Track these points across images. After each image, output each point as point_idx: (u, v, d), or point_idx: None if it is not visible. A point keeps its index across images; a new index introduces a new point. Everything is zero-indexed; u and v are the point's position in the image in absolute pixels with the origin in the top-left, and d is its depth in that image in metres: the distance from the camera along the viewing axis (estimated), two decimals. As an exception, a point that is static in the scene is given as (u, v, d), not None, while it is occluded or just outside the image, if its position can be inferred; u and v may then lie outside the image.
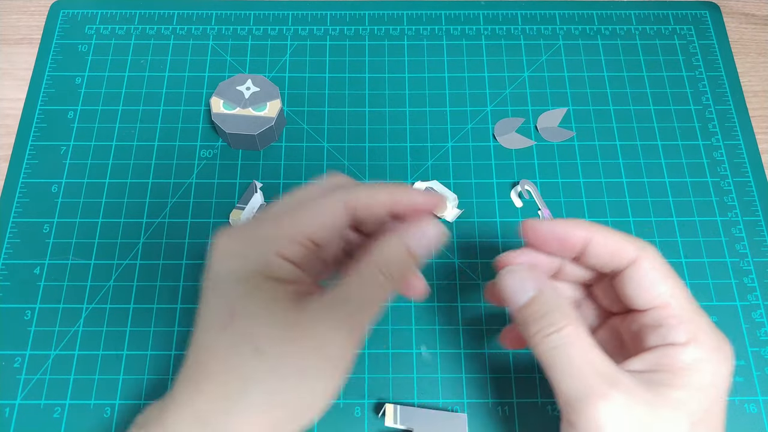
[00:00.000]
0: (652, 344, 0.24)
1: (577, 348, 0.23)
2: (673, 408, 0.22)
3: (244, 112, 0.38)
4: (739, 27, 0.45)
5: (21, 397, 0.33)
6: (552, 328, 0.24)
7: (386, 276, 0.23)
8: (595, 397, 0.22)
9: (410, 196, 0.24)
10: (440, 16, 0.45)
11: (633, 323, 0.26)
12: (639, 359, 0.24)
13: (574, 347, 0.23)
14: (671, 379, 0.23)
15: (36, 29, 0.44)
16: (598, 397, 0.22)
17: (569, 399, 0.23)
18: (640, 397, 0.22)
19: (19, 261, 0.36)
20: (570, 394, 0.23)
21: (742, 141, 0.40)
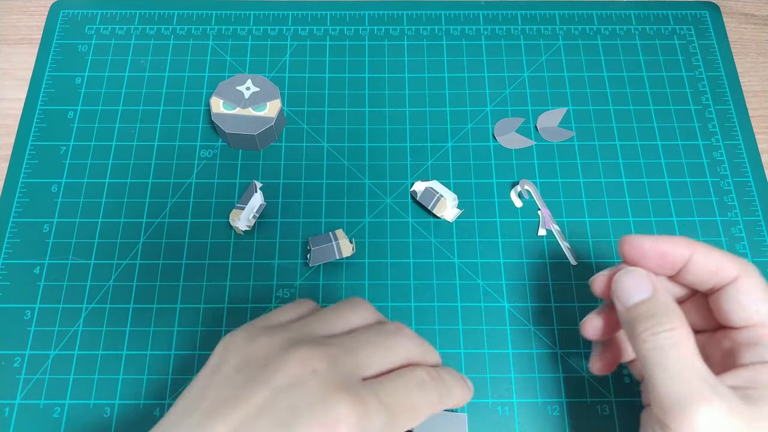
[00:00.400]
0: (747, 361, 0.24)
1: (685, 351, 0.23)
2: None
3: (244, 112, 0.38)
4: (738, 27, 0.45)
5: (20, 396, 0.33)
6: (662, 327, 0.24)
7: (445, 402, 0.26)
8: (698, 402, 0.22)
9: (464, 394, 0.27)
10: (440, 16, 0.45)
11: (725, 340, 0.26)
12: (733, 375, 0.24)
13: (681, 349, 0.23)
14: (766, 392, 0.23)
15: (36, 29, 0.44)
16: (701, 401, 0.22)
17: (669, 401, 0.23)
18: (739, 409, 0.22)
19: (19, 261, 0.36)
20: (671, 396, 0.23)
21: (741, 141, 0.40)
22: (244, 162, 0.39)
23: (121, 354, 0.34)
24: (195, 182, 0.38)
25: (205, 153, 0.39)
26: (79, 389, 0.33)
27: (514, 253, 0.37)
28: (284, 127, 0.40)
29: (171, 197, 0.38)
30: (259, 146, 0.39)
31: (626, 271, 0.26)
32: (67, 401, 0.33)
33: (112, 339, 0.34)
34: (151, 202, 0.38)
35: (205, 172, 0.39)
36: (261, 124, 0.38)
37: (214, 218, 0.37)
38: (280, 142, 0.40)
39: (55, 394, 0.33)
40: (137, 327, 0.34)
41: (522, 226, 0.37)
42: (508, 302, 0.35)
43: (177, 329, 0.35)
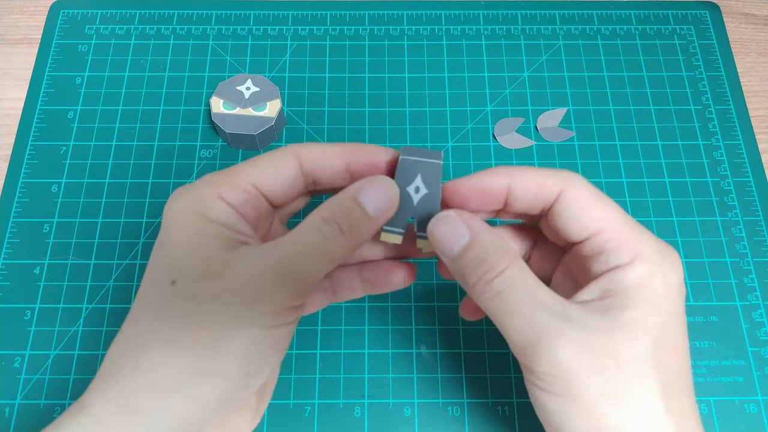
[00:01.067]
0: (598, 272, 0.23)
1: (522, 289, 0.22)
2: (629, 329, 0.21)
3: (244, 112, 0.38)
4: (739, 27, 0.45)
5: (21, 397, 0.33)
6: (492, 273, 0.22)
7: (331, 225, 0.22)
8: (549, 336, 0.21)
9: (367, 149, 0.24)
10: (440, 16, 0.45)
11: (577, 257, 0.24)
12: (586, 290, 0.23)
13: (517, 289, 0.22)
14: (622, 301, 0.22)
15: (36, 29, 0.44)
16: (552, 335, 0.21)
17: (523, 345, 0.21)
18: (595, 326, 0.21)
19: (19, 261, 0.36)
20: (523, 340, 0.21)
21: (742, 141, 0.40)
22: (244, 162, 0.39)
23: (121, 354, 0.34)
24: (195, 182, 0.38)
25: (205, 153, 0.39)
26: (80, 389, 0.33)
27: (514, 253, 0.37)
28: (284, 127, 0.40)
29: (171, 197, 0.38)
30: (259, 146, 0.39)
31: (437, 218, 0.23)
32: (67, 401, 0.33)
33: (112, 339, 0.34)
34: (151, 202, 0.38)
35: (205, 172, 0.39)
36: (261, 124, 0.38)
37: (214, 218, 0.37)
38: (280, 142, 0.40)
39: (56, 395, 0.33)
40: (137, 327, 0.34)
41: (522, 226, 0.37)
42: (508, 302, 0.35)
43: (177, 329, 0.34)
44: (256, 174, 0.23)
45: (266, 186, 0.23)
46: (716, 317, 0.35)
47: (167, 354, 0.20)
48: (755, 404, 0.33)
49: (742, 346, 0.35)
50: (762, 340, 0.35)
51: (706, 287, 0.36)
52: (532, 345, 0.21)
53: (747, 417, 0.33)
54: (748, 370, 0.34)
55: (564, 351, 0.20)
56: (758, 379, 0.34)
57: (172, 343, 0.20)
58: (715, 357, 0.34)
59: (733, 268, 0.36)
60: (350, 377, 0.33)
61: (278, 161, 0.23)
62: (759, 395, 0.33)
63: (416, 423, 0.33)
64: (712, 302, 0.36)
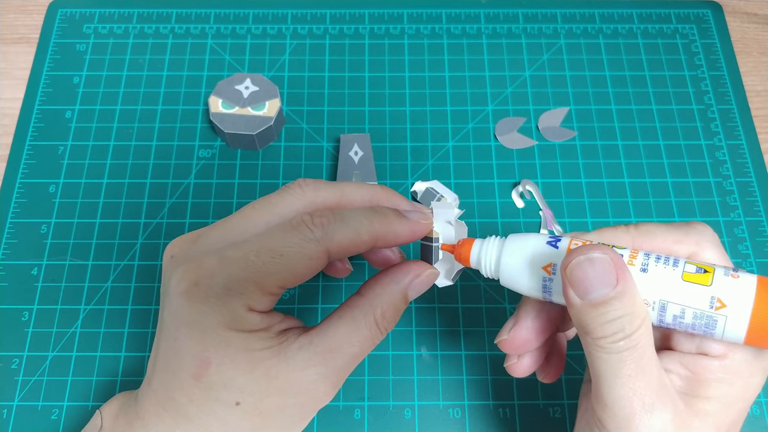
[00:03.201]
0: (685, 350, 0.23)
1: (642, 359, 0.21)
2: (701, 419, 0.21)
3: (242, 111, 0.38)
4: (741, 26, 0.45)
5: (19, 398, 0.33)
6: (624, 333, 0.20)
7: (381, 328, 0.23)
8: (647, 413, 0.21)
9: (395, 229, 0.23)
10: (441, 15, 0.44)
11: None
12: (670, 358, 0.23)
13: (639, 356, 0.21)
14: (702, 390, 0.22)
15: (34, 28, 0.43)
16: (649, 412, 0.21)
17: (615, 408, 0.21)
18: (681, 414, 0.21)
19: (17, 262, 0.36)
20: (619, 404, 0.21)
21: (744, 141, 0.40)
22: (243, 162, 0.39)
23: (119, 356, 0.34)
24: (193, 182, 0.38)
25: (203, 153, 0.39)
26: (78, 391, 0.33)
27: (515, 254, 0.36)
28: (283, 127, 0.40)
29: (169, 197, 0.38)
30: (258, 146, 0.39)
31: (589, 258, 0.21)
32: (65, 403, 0.33)
33: (111, 340, 0.34)
34: (149, 203, 0.38)
35: (204, 172, 0.39)
36: (260, 123, 0.38)
37: (213, 218, 0.37)
38: (279, 142, 0.40)
39: (54, 396, 0.33)
40: (136, 329, 0.34)
41: (523, 227, 0.37)
42: (509, 303, 0.35)
43: (176, 331, 0.34)
44: (285, 278, 0.21)
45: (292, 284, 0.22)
46: (718, 318, 0.35)
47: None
48: (757, 406, 0.33)
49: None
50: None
51: (708, 288, 0.36)
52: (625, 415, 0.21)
53: (749, 419, 0.33)
54: (750, 371, 0.34)
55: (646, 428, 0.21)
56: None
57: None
58: (718, 359, 0.34)
59: (735, 269, 0.36)
60: (350, 379, 0.33)
61: (309, 260, 0.22)
62: (762, 397, 0.33)
63: (416, 425, 0.32)
64: (714, 303, 0.35)
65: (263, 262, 0.21)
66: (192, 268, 0.21)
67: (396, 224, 0.23)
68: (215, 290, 0.21)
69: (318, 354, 0.22)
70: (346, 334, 0.22)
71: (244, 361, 0.21)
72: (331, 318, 0.23)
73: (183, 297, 0.21)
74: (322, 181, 0.25)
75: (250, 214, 0.23)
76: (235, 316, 0.21)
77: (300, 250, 0.21)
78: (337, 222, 0.22)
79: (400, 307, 0.23)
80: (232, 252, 0.21)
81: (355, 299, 0.23)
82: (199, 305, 0.21)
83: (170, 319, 0.22)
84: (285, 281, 0.21)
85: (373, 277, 0.24)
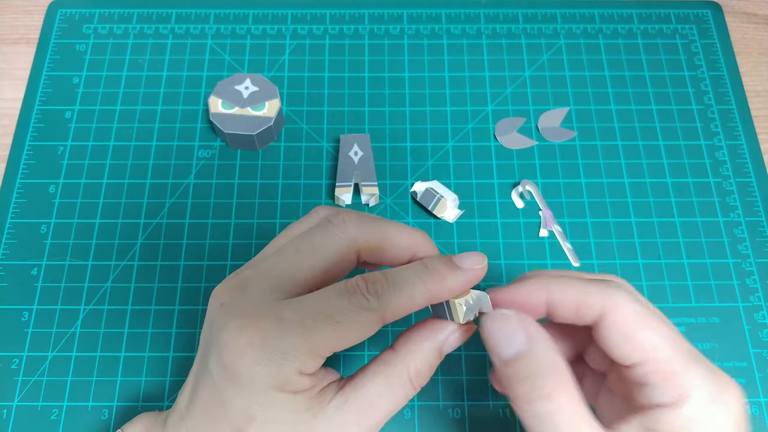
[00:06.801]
0: (642, 405, 0.21)
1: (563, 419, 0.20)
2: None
3: (242, 111, 0.38)
4: (741, 26, 0.45)
5: (18, 398, 0.33)
6: (537, 393, 0.21)
7: (415, 385, 0.22)
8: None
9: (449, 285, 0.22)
10: (440, 15, 0.44)
11: (621, 381, 0.23)
12: (627, 425, 0.21)
13: (559, 418, 0.20)
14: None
15: (34, 29, 0.43)
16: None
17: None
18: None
19: (17, 262, 0.36)
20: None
21: (744, 141, 0.40)
22: (242, 162, 0.39)
23: (119, 356, 0.34)
24: (193, 183, 0.38)
25: (203, 153, 0.39)
26: (78, 391, 0.33)
27: (515, 255, 0.36)
28: (283, 127, 0.40)
29: (169, 198, 0.38)
30: (257, 146, 0.39)
31: (494, 315, 0.23)
32: (65, 403, 0.33)
33: (111, 341, 0.34)
34: (149, 203, 0.38)
35: (204, 172, 0.39)
36: (260, 123, 0.38)
37: (213, 219, 0.37)
38: (279, 142, 0.40)
39: (53, 396, 0.33)
40: (135, 329, 0.34)
41: (523, 227, 0.37)
42: (509, 304, 0.35)
43: (175, 331, 0.34)
44: (338, 344, 0.21)
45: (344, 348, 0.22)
46: (718, 318, 0.35)
47: None
48: (757, 406, 0.33)
49: (744, 348, 0.34)
50: (764, 342, 0.34)
51: (708, 288, 0.36)
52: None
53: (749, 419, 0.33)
54: (750, 371, 0.34)
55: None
56: (760, 381, 0.34)
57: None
58: (717, 359, 0.34)
59: (735, 269, 0.36)
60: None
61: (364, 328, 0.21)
62: (761, 397, 0.33)
63: (416, 425, 0.32)
64: (714, 303, 0.35)
65: (319, 329, 0.21)
66: (247, 325, 0.21)
67: (449, 280, 0.22)
68: (270, 353, 0.20)
69: (353, 413, 0.22)
70: (380, 393, 0.22)
71: (287, 421, 0.21)
72: (365, 374, 0.23)
73: (236, 354, 0.21)
74: (364, 215, 0.24)
75: (294, 258, 0.23)
76: (285, 378, 0.21)
77: (356, 318, 0.21)
78: (392, 288, 0.22)
79: (435, 363, 0.23)
80: (287, 313, 0.21)
81: (389, 355, 0.23)
82: (252, 365, 0.20)
83: (218, 370, 0.21)
84: (337, 346, 0.21)
85: (407, 331, 0.24)
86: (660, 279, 0.36)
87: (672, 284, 0.36)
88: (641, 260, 0.36)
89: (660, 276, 0.36)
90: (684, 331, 0.35)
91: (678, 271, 0.36)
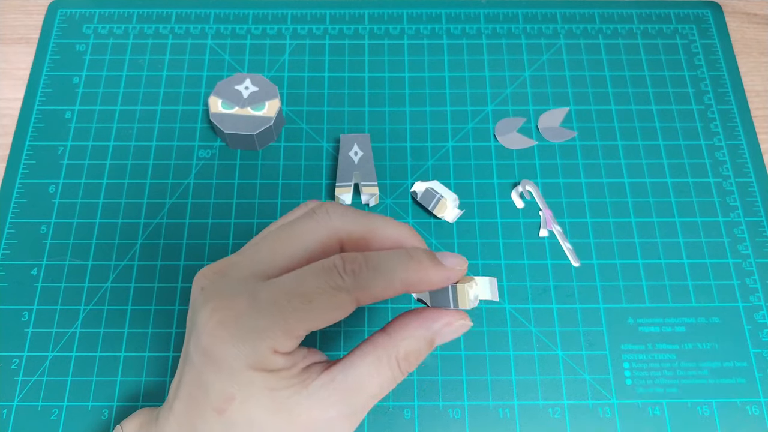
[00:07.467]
0: None
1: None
2: None
3: (242, 111, 0.38)
4: (741, 26, 0.45)
5: (18, 398, 0.33)
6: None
7: (402, 369, 0.23)
8: None
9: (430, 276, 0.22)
10: (440, 15, 0.44)
11: None
12: None
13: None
14: None
15: (34, 29, 0.43)
16: None
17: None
18: None
19: (17, 262, 0.36)
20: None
21: (744, 141, 0.40)
22: (242, 162, 0.39)
23: (119, 356, 0.34)
24: (193, 183, 0.38)
25: (203, 153, 0.39)
26: (78, 391, 0.33)
27: (515, 255, 0.36)
28: (283, 127, 0.40)
29: (169, 198, 0.38)
30: (257, 146, 0.39)
31: None
32: (65, 403, 0.33)
33: (111, 341, 0.34)
34: (149, 203, 0.38)
35: (204, 172, 0.39)
36: (260, 123, 0.38)
37: (213, 219, 0.37)
38: (279, 142, 0.40)
39: (53, 396, 0.33)
40: (135, 329, 0.34)
41: (523, 227, 0.37)
42: (509, 304, 0.35)
43: (175, 331, 0.34)
44: (312, 324, 0.21)
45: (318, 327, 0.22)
46: (718, 318, 0.35)
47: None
48: (757, 406, 0.33)
49: (744, 348, 0.34)
50: (764, 342, 0.34)
51: (708, 288, 0.36)
52: None
53: (749, 419, 0.33)
54: (750, 371, 0.34)
55: None
56: (760, 381, 0.34)
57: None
58: (717, 359, 0.34)
59: (735, 269, 0.36)
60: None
61: (338, 308, 0.21)
62: (761, 397, 0.33)
63: (416, 425, 0.32)
64: (714, 303, 0.35)
65: (293, 308, 0.21)
66: (221, 306, 0.21)
67: (431, 272, 0.22)
68: (242, 333, 0.21)
69: (338, 392, 0.22)
70: (368, 373, 0.22)
71: (267, 399, 0.21)
72: (353, 355, 0.23)
73: (210, 336, 0.21)
74: (349, 208, 0.24)
75: (275, 243, 0.23)
76: (260, 357, 0.21)
77: (330, 298, 0.21)
78: (370, 270, 0.22)
79: (425, 352, 0.23)
80: (262, 292, 0.21)
81: (379, 337, 0.23)
82: (226, 346, 0.21)
83: (196, 353, 0.22)
84: (312, 326, 0.21)
85: (401, 316, 0.24)
86: (660, 279, 0.36)
87: (672, 284, 0.36)
88: (641, 260, 0.36)
89: (660, 276, 0.36)
90: (684, 331, 0.35)
91: (678, 271, 0.36)
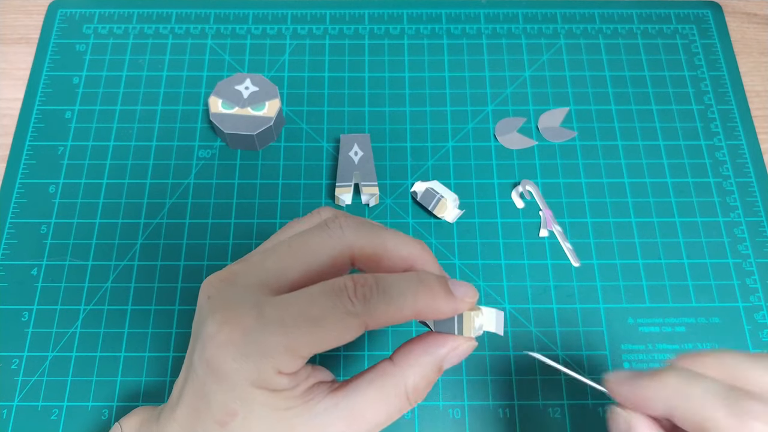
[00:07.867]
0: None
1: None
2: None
3: (242, 111, 0.38)
4: (741, 26, 0.45)
5: (18, 398, 0.33)
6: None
7: (411, 400, 0.22)
8: None
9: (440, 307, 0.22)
10: (440, 15, 0.44)
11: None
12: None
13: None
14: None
15: (34, 29, 0.43)
16: None
17: None
18: None
19: (17, 262, 0.36)
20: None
21: (744, 141, 0.40)
22: (242, 162, 0.39)
23: (119, 356, 0.34)
24: (193, 183, 0.38)
25: (203, 153, 0.39)
26: (78, 391, 0.33)
27: (515, 255, 0.36)
28: (283, 127, 0.40)
29: (169, 198, 0.38)
30: (257, 146, 0.39)
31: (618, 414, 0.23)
32: (65, 403, 0.33)
33: (111, 341, 0.34)
34: (149, 203, 0.38)
35: (204, 172, 0.39)
36: (260, 123, 0.38)
37: (213, 219, 0.37)
38: (279, 142, 0.40)
39: (54, 396, 0.33)
40: (135, 329, 0.34)
41: (523, 227, 0.37)
42: (509, 304, 0.35)
43: (175, 331, 0.34)
44: (318, 346, 0.21)
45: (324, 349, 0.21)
46: (718, 319, 0.35)
47: None
48: (758, 406, 0.33)
49: (744, 348, 0.34)
50: (764, 342, 0.34)
51: (708, 288, 0.36)
52: None
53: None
54: (750, 372, 0.34)
55: None
56: (761, 381, 0.34)
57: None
58: (718, 359, 0.34)
59: (735, 269, 0.36)
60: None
61: (346, 333, 0.21)
62: (761, 397, 0.33)
63: (416, 426, 0.32)
64: (714, 303, 0.35)
65: (299, 330, 0.20)
66: (228, 320, 0.21)
67: (441, 302, 0.22)
68: (247, 350, 0.20)
69: (343, 418, 0.21)
70: (374, 402, 0.22)
71: (269, 417, 0.21)
72: (360, 381, 0.22)
73: (215, 349, 0.21)
74: (363, 222, 0.24)
75: (286, 254, 0.22)
76: (263, 376, 0.21)
77: (338, 322, 0.21)
78: (380, 295, 0.21)
79: (433, 379, 0.23)
80: (270, 310, 0.21)
81: (387, 366, 0.23)
82: (230, 361, 0.21)
83: (200, 364, 0.21)
84: (317, 348, 0.21)
85: (407, 343, 0.23)
86: (660, 279, 0.36)
87: (672, 284, 0.36)
88: (641, 260, 0.36)
89: (660, 276, 0.36)
90: (684, 331, 0.35)
91: (678, 271, 0.36)
